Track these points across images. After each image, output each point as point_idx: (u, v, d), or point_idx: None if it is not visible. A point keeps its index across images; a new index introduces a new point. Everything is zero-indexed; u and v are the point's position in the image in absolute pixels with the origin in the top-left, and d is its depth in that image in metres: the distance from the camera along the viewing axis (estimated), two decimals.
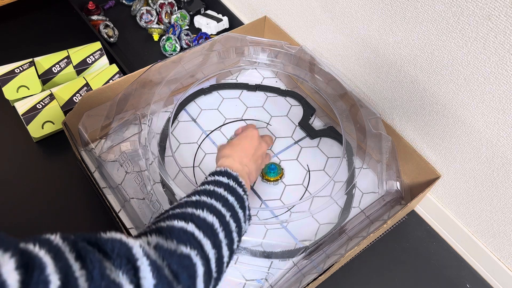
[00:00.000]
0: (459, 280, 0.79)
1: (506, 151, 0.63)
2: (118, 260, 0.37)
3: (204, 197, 0.52)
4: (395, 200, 0.77)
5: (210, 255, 0.45)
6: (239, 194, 0.56)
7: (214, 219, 0.49)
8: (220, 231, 0.49)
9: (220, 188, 0.54)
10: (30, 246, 0.32)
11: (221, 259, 0.48)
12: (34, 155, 0.87)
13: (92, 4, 1.10)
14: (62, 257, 0.33)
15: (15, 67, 0.93)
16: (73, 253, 0.34)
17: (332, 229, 0.74)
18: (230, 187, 0.56)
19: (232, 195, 0.54)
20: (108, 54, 0.99)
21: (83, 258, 0.34)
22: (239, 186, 0.57)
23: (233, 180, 0.57)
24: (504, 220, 0.70)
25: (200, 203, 0.51)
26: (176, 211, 0.49)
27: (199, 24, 1.11)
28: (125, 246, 0.38)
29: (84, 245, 0.36)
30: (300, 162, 0.84)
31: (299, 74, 0.87)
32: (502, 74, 0.57)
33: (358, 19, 0.74)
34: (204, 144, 0.85)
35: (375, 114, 0.79)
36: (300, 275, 0.69)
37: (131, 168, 0.75)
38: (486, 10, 0.54)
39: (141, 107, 0.79)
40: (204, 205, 0.50)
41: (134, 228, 0.74)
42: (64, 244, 0.35)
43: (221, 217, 0.50)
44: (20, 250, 0.31)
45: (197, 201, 0.51)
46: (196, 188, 0.56)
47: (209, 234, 0.47)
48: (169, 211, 0.50)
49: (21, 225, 0.78)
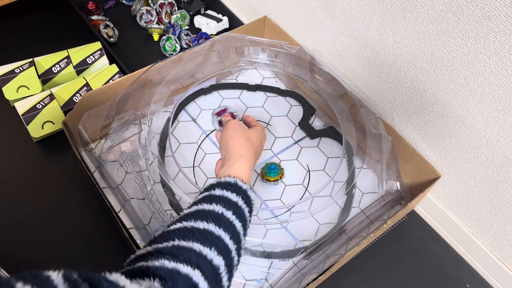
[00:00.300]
0: (459, 280, 0.79)
1: (506, 151, 0.63)
2: None
3: (212, 225, 0.48)
4: (395, 200, 0.77)
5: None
6: (245, 217, 0.52)
7: (221, 260, 0.45)
8: (224, 274, 0.46)
9: (229, 211, 0.50)
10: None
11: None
12: (34, 155, 0.87)
13: (92, 4, 1.10)
14: None
15: (15, 67, 0.93)
16: None
17: (332, 229, 0.74)
18: (238, 209, 0.52)
19: (239, 220, 0.51)
20: (108, 54, 0.99)
21: None
22: (247, 204, 0.54)
23: (242, 197, 0.53)
24: (504, 220, 0.70)
25: (208, 237, 0.46)
26: (182, 244, 0.45)
27: (199, 24, 1.11)
28: None
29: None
30: (300, 162, 0.84)
31: (299, 74, 0.87)
32: (502, 74, 0.57)
33: (358, 19, 0.74)
34: (204, 144, 0.85)
35: (375, 114, 0.79)
36: (300, 275, 0.69)
37: (131, 168, 0.75)
38: (486, 10, 0.54)
39: (141, 107, 0.79)
40: (212, 240, 0.46)
41: (134, 228, 0.74)
42: (64, 285, 0.33)
43: (228, 255, 0.47)
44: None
45: (205, 232, 0.47)
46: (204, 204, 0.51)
47: (213, 284, 0.44)
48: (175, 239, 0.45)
49: (21, 225, 0.78)
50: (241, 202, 0.53)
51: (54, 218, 0.79)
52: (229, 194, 0.53)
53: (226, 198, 0.52)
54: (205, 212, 0.49)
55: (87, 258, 0.76)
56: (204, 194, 0.53)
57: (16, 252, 0.75)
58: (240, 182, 0.55)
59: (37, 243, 0.76)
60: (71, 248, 0.76)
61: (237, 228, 0.50)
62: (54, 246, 0.76)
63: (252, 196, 0.56)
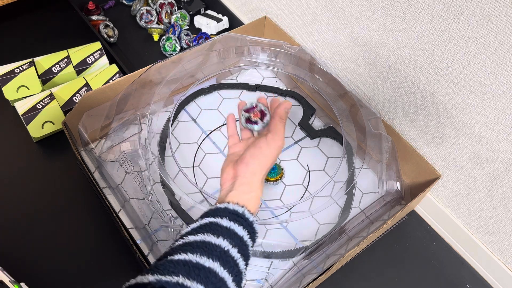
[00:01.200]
0: (459, 280, 0.79)
1: (506, 151, 0.63)
2: None
3: (217, 264, 0.46)
4: (395, 200, 0.77)
5: None
6: (248, 254, 0.51)
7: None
8: None
9: (235, 249, 0.48)
10: None
11: None
12: (34, 155, 0.87)
13: (92, 4, 1.10)
14: None
15: (15, 67, 0.93)
16: None
17: (332, 229, 0.74)
18: (243, 246, 0.50)
19: (243, 259, 0.49)
20: (108, 54, 0.99)
21: None
22: (252, 239, 0.52)
23: (248, 231, 0.51)
24: (504, 220, 0.70)
25: (212, 278, 0.44)
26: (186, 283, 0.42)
27: (199, 24, 1.11)
28: None
29: None
30: (300, 162, 0.84)
31: (299, 74, 0.87)
32: (502, 74, 0.57)
33: (358, 19, 0.74)
34: (204, 144, 0.85)
35: (375, 114, 0.79)
36: (300, 275, 0.69)
37: (131, 168, 0.75)
38: (486, 10, 0.54)
39: (141, 107, 0.79)
40: (215, 284, 0.44)
41: (134, 228, 0.74)
42: None
43: None
44: None
45: (210, 272, 0.44)
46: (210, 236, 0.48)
47: None
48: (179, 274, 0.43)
49: (21, 225, 0.78)
50: (247, 236, 0.51)
51: (54, 218, 0.79)
52: (236, 227, 0.51)
53: (233, 232, 0.50)
54: (211, 247, 0.47)
55: (87, 258, 0.76)
56: (211, 219, 0.51)
57: (16, 252, 0.75)
58: (248, 214, 0.53)
59: (37, 243, 0.76)
60: (71, 248, 0.76)
61: (240, 268, 0.48)
62: (54, 246, 0.76)
63: (257, 229, 0.54)
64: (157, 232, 0.69)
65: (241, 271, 0.49)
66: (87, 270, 0.74)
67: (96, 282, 0.73)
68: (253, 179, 0.56)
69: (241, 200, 0.54)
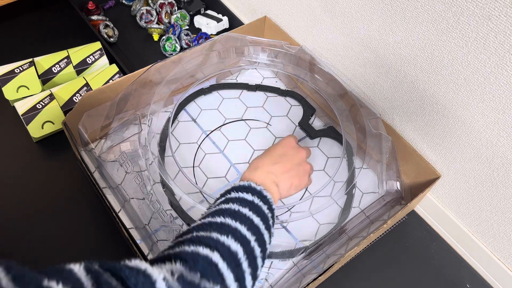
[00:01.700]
0: (459, 280, 0.79)
1: (506, 151, 0.63)
2: None
3: (228, 219, 0.50)
4: (395, 200, 0.77)
5: None
6: (264, 213, 0.54)
7: (239, 247, 0.47)
8: (244, 260, 0.47)
9: (245, 208, 0.52)
10: (53, 285, 0.31)
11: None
12: (34, 155, 0.87)
13: (92, 4, 1.10)
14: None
15: (15, 67, 0.93)
16: None
17: (332, 229, 0.74)
18: (255, 206, 0.53)
19: (257, 215, 0.52)
20: (108, 54, 0.99)
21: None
22: (264, 202, 0.55)
23: (257, 196, 0.55)
24: (504, 220, 0.70)
25: (225, 227, 0.49)
26: (200, 233, 0.48)
27: (199, 24, 1.11)
28: (149, 281, 0.37)
29: (106, 279, 0.35)
30: None
31: (299, 74, 0.87)
32: (502, 74, 0.57)
33: (358, 19, 0.74)
34: (204, 144, 0.85)
35: (375, 114, 0.79)
36: (300, 275, 0.69)
37: (131, 168, 0.75)
38: (486, 10, 0.54)
39: (141, 107, 0.79)
40: (229, 230, 0.48)
41: (134, 228, 0.74)
42: (87, 277, 0.34)
43: (246, 244, 0.49)
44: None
45: (222, 224, 0.49)
46: (221, 205, 0.53)
47: (233, 266, 0.46)
48: (194, 232, 0.48)
49: (21, 225, 0.78)
50: (257, 200, 0.54)
51: (54, 218, 0.79)
52: (245, 195, 0.54)
53: (242, 198, 0.54)
54: (221, 210, 0.52)
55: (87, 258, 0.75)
56: (220, 199, 0.55)
57: (16, 252, 0.75)
58: (254, 184, 0.56)
59: (37, 243, 0.76)
60: (71, 248, 0.76)
61: (254, 222, 0.51)
62: (54, 246, 0.76)
63: (268, 195, 0.56)
64: (157, 232, 0.69)
65: (256, 224, 0.52)
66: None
67: None
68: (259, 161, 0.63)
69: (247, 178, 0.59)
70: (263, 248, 0.51)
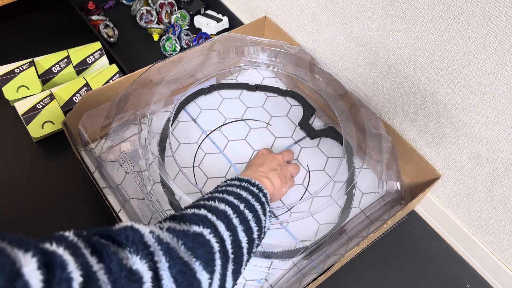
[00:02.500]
0: (459, 280, 0.79)
1: (506, 151, 0.63)
2: (134, 247, 0.37)
3: (216, 194, 0.54)
4: (395, 200, 0.77)
5: (225, 236, 0.46)
6: (252, 190, 0.57)
7: (227, 207, 0.50)
8: (234, 217, 0.50)
9: (232, 187, 0.56)
10: (48, 245, 0.33)
11: (238, 243, 0.48)
12: (34, 155, 0.87)
13: (92, 4, 1.10)
14: (80, 253, 0.33)
15: (15, 67, 0.93)
16: (89, 248, 0.35)
17: (332, 229, 0.74)
18: (242, 186, 0.57)
19: (245, 191, 0.56)
20: (108, 54, 0.99)
21: (99, 252, 0.35)
22: (252, 185, 0.59)
23: (245, 182, 0.59)
24: (504, 220, 0.70)
25: (212, 197, 0.52)
26: (189, 208, 0.51)
27: (199, 24, 1.11)
28: (137, 233, 0.39)
29: (97, 239, 0.37)
30: (300, 162, 0.84)
31: (299, 74, 0.87)
32: (502, 74, 0.57)
33: (358, 19, 0.74)
34: (204, 144, 0.85)
35: (375, 114, 0.79)
36: (300, 275, 0.69)
37: (131, 168, 0.75)
38: (486, 10, 0.54)
39: (141, 107, 0.79)
40: (215, 198, 0.52)
41: None
42: (79, 240, 0.36)
43: (234, 206, 0.51)
44: (41, 249, 0.31)
45: (209, 197, 0.53)
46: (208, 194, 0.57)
47: (222, 218, 0.48)
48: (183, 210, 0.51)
49: (21, 225, 0.78)
50: (245, 183, 0.58)
51: (54, 218, 0.79)
52: (233, 182, 0.59)
53: (231, 183, 0.59)
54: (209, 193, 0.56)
55: None
56: None
57: None
58: (241, 177, 0.61)
59: None
60: None
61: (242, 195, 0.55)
62: None
63: (256, 182, 0.60)
64: None
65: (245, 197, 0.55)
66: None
67: None
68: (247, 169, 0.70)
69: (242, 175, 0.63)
70: (255, 215, 0.53)
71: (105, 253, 0.35)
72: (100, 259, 0.34)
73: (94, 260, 0.34)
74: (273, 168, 0.69)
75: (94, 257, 0.34)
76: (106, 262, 0.34)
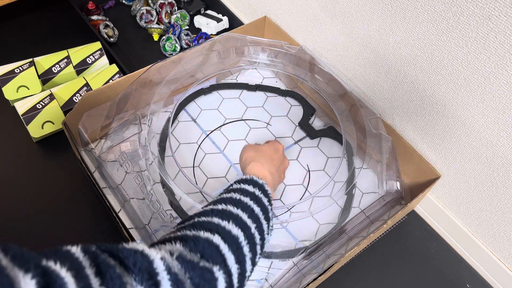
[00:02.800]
0: (459, 280, 0.79)
1: (506, 151, 0.63)
2: (140, 275, 0.36)
3: (230, 206, 0.51)
4: (395, 200, 0.77)
5: (233, 270, 0.45)
6: (264, 204, 0.55)
7: (240, 232, 0.48)
8: (245, 244, 0.48)
9: (246, 198, 0.54)
10: (51, 264, 0.32)
11: (244, 274, 0.47)
12: (34, 155, 0.87)
13: (92, 4, 1.10)
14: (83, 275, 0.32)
15: (15, 67, 0.93)
16: (93, 268, 0.34)
17: (332, 229, 0.74)
18: (256, 197, 0.55)
19: (258, 205, 0.54)
20: (108, 54, 0.99)
21: (103, 274, 0.34)
22: (265, 195, 0.57)
23: (259, 189, 0.57)
24: (504, 220, 0.70)
25: (226, 213, 0.50)
26: (202, 219, 0.48)
27: (199, 24, 1.11)
28: (146, 260, 0.38)
29: (104, 259, 0.35)
30: (300, 162, 0.84)
31: (299, 74, 0.87)
32: (502, 74, 0.57)
33: (358, 19, 0.74)
34: (204, 144, 0.85)
35: (375, 114, 0.79)
36: (300, 275, 0.69)
37: (131, 168, 0.75)
38: (486, 10, 0.54)
39: (141, 107, 0.79)
40: (230, 216, 0.49)
41: (134, 228, 0.74)
42: (85, 258, 0.34)
43: (247, 229, 0.49)
44: (42, 269, 0.30)
45: (224, 211, 0.50)
46: (222, 195, 0.55)
47: (234, 248, 0.46)
48: (195, 218, 0.49)
49: (21, 225, 0.78)
50: (258, 192, 0.56)
51: (54, 218, 0.79)
52: (246, 186, 0.56)
53: (244, 189, 0.56)
54: (223, 199, 0.53)
55: None
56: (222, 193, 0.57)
57: None
58: (256, 178, 0.59)
59: (37, 243, 0.76)
60: None
61: (255, 211, 0.53)
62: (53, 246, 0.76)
63: (269, 190, 0.58)
64: (157, 232, 0.69)
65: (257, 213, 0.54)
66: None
67: None
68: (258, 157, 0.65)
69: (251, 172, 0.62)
70: (262, 236, 0.52)
71: (109, 275, 0.34)
72: (103, 281, 0.34)
73: (97, 282, 0.33)
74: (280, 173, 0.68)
75: (97, 278, 0.33)
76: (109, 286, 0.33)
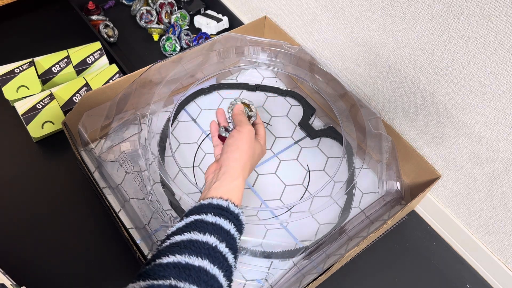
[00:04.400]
0: (459, 280, 0.79)
1: (506, 151, 0.63)
2: None
3: (206, 262, 0.46)
4: (395, 200, 0.77)
5: None
6: (236, 248, 0.52)
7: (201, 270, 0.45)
8: None
9: (222, 244, 0.49)
10: None
11: None
12: (34, 155, 0.87)
13: (92, 4, 1.10)
14: None
15: (15, 67, 0.93)
16: None
17: (332, 229, 0.74)
18: (231, 240, 0.51)
19: (232, 253, 0.50)
20: (108, 54, 0.99)
21: None
22: (239, 231, 0.53)
23: (234, 224, 0.52)
24: (504, 220, 0.70)
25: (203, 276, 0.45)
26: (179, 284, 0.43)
27: (199, 24, 1.11)
28: None
29: None
30: (300, 162, 0.84)
31: (299, 74, 0.87)
32: (502, 74, 0.57)
33: (358, 19, 0.74)
34: (204, 144, 0.85)
35: (375, 114, 0.79)
36: (300, 275, 0.69)
37: (131, 168, 0.75)
38: (486, 10, 0.54)
39: (141, 107, 0.79)
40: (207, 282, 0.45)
41: (134, 228, 0.74)
42: None
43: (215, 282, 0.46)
44: None
45: (200, 270, 0.45)
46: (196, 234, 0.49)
47: None
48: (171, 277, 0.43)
49: (20, 225, 0.78)
50: (234, 230, 0.52)
51: (54, 218, 0.79)
52: (222, 222, 0.51)
53: (219, 226, 0.51)
54: (199, 244, 0.48)
55: (87, 258, 0.76)
56: (196, 217, 0.51)
57: (15, 252, 0.75)
58: (233, 206, 0.54)
59: (37, 243, 0.76)
60: (71, 248, 0.76)
61: (229, 262, 0.49)
62: (54, 246, 0.76)
63: (244, 220, 0.54)
64: (157, 232, 0.69)
65: (231, 265, 0.49)
66: (87, 270, 0.74)
67: (96, 282, 0.73)
68: (235, 165, 0.58)
69: (225, 192, 0.55)
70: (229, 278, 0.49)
71: None
72: None
73: None
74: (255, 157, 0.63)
75: None
76: None
